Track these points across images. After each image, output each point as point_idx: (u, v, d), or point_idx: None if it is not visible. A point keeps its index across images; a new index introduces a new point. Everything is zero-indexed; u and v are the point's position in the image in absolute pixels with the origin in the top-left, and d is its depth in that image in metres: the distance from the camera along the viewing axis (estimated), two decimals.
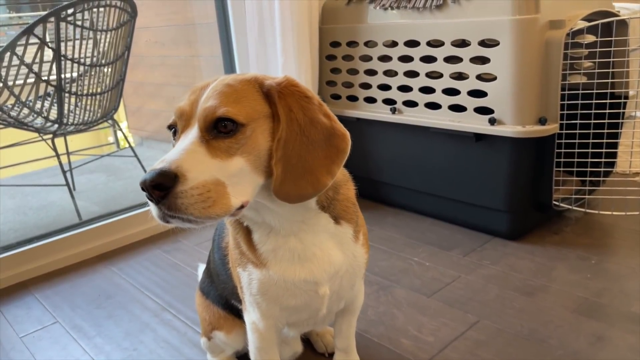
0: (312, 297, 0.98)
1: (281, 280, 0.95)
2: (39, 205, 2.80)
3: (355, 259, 1.01)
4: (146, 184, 0.74)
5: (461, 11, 1.80)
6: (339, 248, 0.97)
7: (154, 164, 0.77)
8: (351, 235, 0.99)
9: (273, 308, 1.00)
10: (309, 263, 0.95)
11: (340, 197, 0.98)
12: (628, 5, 3.07)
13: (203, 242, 2.12)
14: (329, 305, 1.02)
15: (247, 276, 0.98)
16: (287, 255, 0.94)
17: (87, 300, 1.77)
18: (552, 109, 1.74)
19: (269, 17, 2.15)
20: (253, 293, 0.99)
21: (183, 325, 1.58)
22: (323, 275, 0.96)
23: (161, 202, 0.75)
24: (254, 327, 1.06)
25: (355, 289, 1.10)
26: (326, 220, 0.96)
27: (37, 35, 2.20)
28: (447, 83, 1.89)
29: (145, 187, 0.74)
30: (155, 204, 0.75)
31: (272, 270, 0.95)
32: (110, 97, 2.64)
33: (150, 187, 0.74)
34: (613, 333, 1.38)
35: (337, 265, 0.97)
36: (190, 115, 0.83)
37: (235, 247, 1.01)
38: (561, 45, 1.68)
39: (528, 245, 1.88)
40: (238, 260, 1.00)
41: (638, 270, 1.67)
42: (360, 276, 1.08)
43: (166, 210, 0.75)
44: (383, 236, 2.04)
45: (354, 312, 1.18)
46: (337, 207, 0.97)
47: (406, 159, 2.13)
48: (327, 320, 1.14)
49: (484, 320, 1.48)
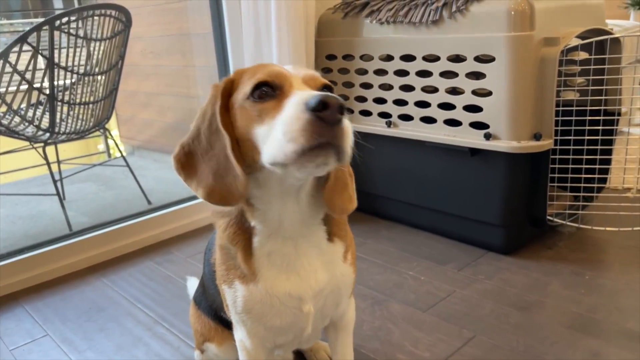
0: (297, 315, 0.97)
1: (267, 295, 0.94)
2: (29, 214, 2.77)
3: (343, 277, 1.01)
4: (338, 102, 0.73)
5: (457, 27, 1.82)
6: (326, 267, 0.97)
7: (310, 92, 0.78)
8: (341, 254, 1.00)
9: (257, 327, 0.99)
10: (295, 276, 0.95)
11: (335, 219, 0.99)
12: (619, 22, 3.12)
13: (195, 254, 2.11)
14: (314, 323, 1.01)
15: (233, 293, 0.97)
16: (278, 261, 0.94)
17: (78, 313, 1.74)
18: (546, 125, 1.76)
19: (265, 29, 2.15)
20: (238, 311, 0.98)
21: (176, 339, 1.56)
22: (308, 291, 0.95)
23: (336, 125, 0.74)
24: (242, 346, 1.05)
25: (341, 307, 1.09)
26: (322, 234, 0.97)
27: (31, 43, 2.18)
28: (442, 97, 1.90)
29: (335, 104, 0.73)
30: (330, 124, 0.74)
31: (261, 280, 0.94)
32: (103, 107, 2.63)
33: (339, 107, 0.73)
34: (609, 350, 1.38)
35: (322, 284, 0.97)
36: (290, 78, 0.84)
37: (222, 263, 0.99)
38: (556, 62, 1.70)
39: (522, 260, 1.88)
40: (224, 277, 0.99)
41: (632, 286, 1.68)
42: (346, 295, 1.07)
43: (332, 138, 0.74)
44: (378, 249, 2.03)
45: (346, 329, 1.15)
46: (332, 223, 0.98)
47: (401, 172, 2.13)
48: (313, 338, 1.13)
49: (479, 336, 1.48)
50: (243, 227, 0.95)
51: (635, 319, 1.50)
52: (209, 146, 0.88)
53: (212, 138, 0.88)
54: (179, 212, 2.33)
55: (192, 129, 0.91)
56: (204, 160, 0.88)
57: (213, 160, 0.87)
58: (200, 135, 0.89)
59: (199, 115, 0.91)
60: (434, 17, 1.86)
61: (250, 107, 0.84)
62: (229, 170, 0.85)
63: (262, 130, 0.81)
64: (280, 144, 0.76)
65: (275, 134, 0.78)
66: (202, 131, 0.89)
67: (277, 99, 0.81)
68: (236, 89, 0.89)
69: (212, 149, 0.88)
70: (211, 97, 0.90)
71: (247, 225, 0.95)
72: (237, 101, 0.87)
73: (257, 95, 0.83)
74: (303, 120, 0.74)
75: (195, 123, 0.91)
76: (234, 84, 0.90)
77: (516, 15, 1.68)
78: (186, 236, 2.30)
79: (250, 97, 0.84)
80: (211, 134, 0.88)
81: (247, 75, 0.88)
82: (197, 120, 0.91)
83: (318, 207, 0.95)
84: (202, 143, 0.89)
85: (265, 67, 0.86)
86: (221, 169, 0.86)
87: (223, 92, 0.89)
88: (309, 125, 0.73)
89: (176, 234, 2.31)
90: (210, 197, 0.87)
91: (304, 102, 0.75)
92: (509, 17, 1.68)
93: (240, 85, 0.88)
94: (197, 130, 0.90)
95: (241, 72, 0.91)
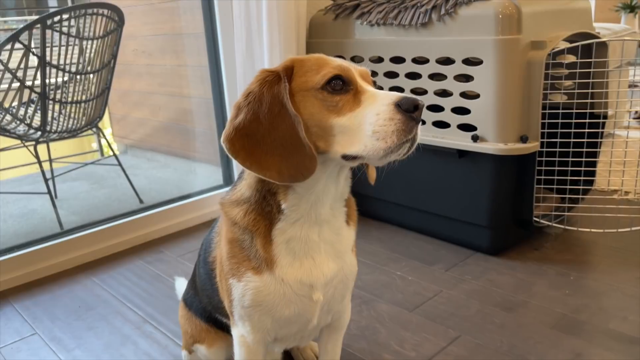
0: (306, 304, 0.99)
1: (280, 284, 0.96)
2: (20, 213, 2.77)
3: (351, 267, 1.05)
4: (422, 102, 0.85)
5: (446, 30, 1.84)
6: (337, 256, 1.01)
7: (389, 92, 0.88)
8: (352, 242, 1.05)
9: (265, 320, 1.01)
10: (309, 262, 0.97)
11: (349, 197, 1.05)
12: (609, 26, 3.15)
13: (185, 253, 2.12)
14: (320, 316, 1.04)
15: (242, 287, 0.98)
16: (296, 248, 0.97)
17: (67, 312, 1.75)
18: (533, 127, 1.78)
19: (256, 30, 2.16)
20: (245, 305, 0.99)
21: (164, 337, 1.57)
22: (320, 278, 0.98)
23: (416, 123, 0.85)
24: (242, 341, 1.06)
25: (345, 302, 1.11)
26: (343, 217, 1.01)
27: (22, 41, 2.19)
28: (431, 100, 1.92)
29: (422, 105, 0.85)
30: (416, 123, 0.85)
31: (277, 268, 0.96)
32: (95, 105, 2.63)
33: (421, 108, 0.85)
34: (591, 350, 1.40)
35: (333, 272, 1.00)
36: (355, 74, 0.91)
37: (232, 257, 1.00)
38: (542, 65, 1.72)
39: (509, 261, 1.90)
40: (234, 270, 1.00)
41: (616, 287, 1.70)
42: (350, 288, 1.10)
43: (410, 134, 0.85)
44: (367, 250, 2.05)
45: (340, 329, 1.18)
46: (348, 205, 1.03)
47: (391, 173, 2.13)
48: (312, 334, 1.15)
49: (465, 336, 1.49)
50: (263, 213, 0.97)
51: (618, 320, 1.53)
52: (271, 128, 0.89)
53: (276, 120, 0.89)
54: (169, 212, 2.34)
55: (244, 112, 0.91)
56: (266, 142, 0.90)
57: (277, 141, 0.89)
58: (259, 117, 0.90)
59: (252, 99, 0.91)
60: (423, 19, 1.88)
61: (325, 98, 0.88)
62: (297, 150, 0.88)
63: (340, 121, 0.87)
64: (369, 141, 0.85)
65: (363, 132, 0.85)
66: (262, 114, 0.89)
67: (351, 93, 0.89)
68: (299, 75, 0.91)
69: (275, 130, 0.89)
70: (263, 82, 0.90)
71: (267, 211, 0.96)
72: (306, 89, 0.90)
73: (331, 87, 0.88)
74: (397, 121, 0.84)
75: (249, 106, 0.90)
76: (293, 70, 0.92)
77: (504, 19, 1.70)
78: (177, 235, 2.30)
79: (324, 88, 0.88)
80: (274, 116, 0.89)
81: (311, 65, 0.91)
82: (250, 104, 0.91)
83: (347, 187, 1.01)
84: (262, 125, 0.89)
85: (333, 61, 0.91)
86: (288, 150, 0.88)
87: (286, 77, 0.91)
88: (403, 125, 0.84)
89: (166, 233, 2.31)
90: (281, 176, 0.89)
91: (394, 104, 0.84)
92: (496, 20, 1.70)
93: (303, 72, 0.91)
94: (254, 113, 0.90)
95: (299, 61, 0.93)
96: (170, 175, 3.41)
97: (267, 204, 0.96)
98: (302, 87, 0.90)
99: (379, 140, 0.84)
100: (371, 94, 0.88)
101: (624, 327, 1.49)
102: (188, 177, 3.24)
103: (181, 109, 3.42)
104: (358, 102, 0.87)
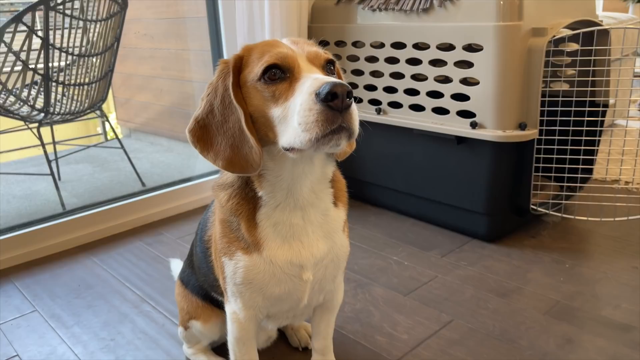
0: (296, 284, 1.01)
1: (269, 264, 0.98)
2: (23, 194, 2.80)
3: (342, 248, 1.05)
4: (346, 89, 0.79)
5: (447, 15, 1.83)
6: (327, 236, 1.02)
7: (320, 77, 0.83)
8: (342, 222, 1.05)
9: (256, 297, 1.02)
10: (298, 244, 0.98)
11: (337, 179, 1.04)
12: (615, 15, 3.12)
13: (184, 235, 2.14)
14: (310, 295, 1.05)
15: (233, 265, 1.00)
16: (284, 231, 0.98)
17: (67, 290, 1.77)
18: (532, 115, 1.78)
19: (258, 14, 2.16)
20: (237, 282, 1.01)
21: (162, 317, 1.59)
22: (309, 259, 0.99)
23: (343, 111, 0.80)
24: (235, 317, 1.08)
25: (336, 282, 1.13)
26: (329, 198, 1.01)
27: (26, 23, 2.19)
28: (431, 86, 1.92)
29: (343, 92, 0.79)
30: (340, 112, 0.80)
31: (265, 250, 0.97)
32: (98, 88, 2.64)
33: (347, 94, 0.79)
34: (582, 336, 1.41)
35: (322, 252, 1.01)
36: (297, 59, 0.88)
37: (223, 236, 1.02)
38: (543, 53, 1.71)
39: (505, 248, 1.91)
40: (225, 249, 1.02)
41: (610, 275, 1.71)
42: (342, 268, 1.11)
43: (342, 122, 0.80)
44: (364, 235, 2.06)
45: (333, 309, 1.20)
46: (336, 187, 1.04)
47: (389, 159, 2.15)
48: (305, 313, 1.17)
49: (457, 320, 1.51)
50: (246, 198, 0.99)
51: (611, 307, 1.53)
52: (223, 120, 0.92)
53: (226, 112, 0.91)
54: (169, 195, 2.36)
55: (203, 104, 0.94)
56: (219, 134, 0.92)
57: (228, 133, 0.91)
58: (213, 109, 0.92)
59: (210, 91, 0.94)
60: (425, 5, 1.87)
61: (262, 89, 0.88)
62: (244, 142, 0.90)
63: (277, 111, 0.86)
64: (296, 133, 0.82)
65: (292, 123, 0.83)
66: (215, 106, 0.92)
67: (287, 81, 0.86)
68: (246, 66, 0.92)
69: (226, 122, 0.91)
70: (220, 73, 0.93)
71: (251, 196, 0.98)
72: (249, 80, 0.90)
73: (268, 77, 0.87)
74: (315, 111, 0.80)
75: (207, 98, 0.94)
76: (243, 60, 0.93)
77: (505, 5, 1.69)
78: (176, 218, 2.32)
79: (261, 79, 0.88)
80: (224, 108, 0.91)
81: (256, 54, 0.91)
82: (209, 95, 0.94)
83: (329, 166, 1.00)
84: (216, 117, 0.92)
85: (273, 48, 0.89)
86: (237, 141, 0.90)
87: (234, 68, 0.92)
88: (321, 115, 0.80)
89: (166, 215, 2.33)
90: (230, 166, 0.91)
91: (314, 93, 0.80)
92: (497, 6, 1.69)
93: (249, 62, 0.91)
94: (210, 105, 0.93)
95: (249, 48, 0.94)
96: (173, 159, 3.43)
97: (250, 190, 0.98)
98: (247, 79, 0.91)
99: (304, 132, 0.81)
100: (302, 82, 0.84)
101: (616, 315, 1.50)
102: (190, 160, 3.25)
103: (184, 93, 3.43)
104: (293, 90, 0.85)
